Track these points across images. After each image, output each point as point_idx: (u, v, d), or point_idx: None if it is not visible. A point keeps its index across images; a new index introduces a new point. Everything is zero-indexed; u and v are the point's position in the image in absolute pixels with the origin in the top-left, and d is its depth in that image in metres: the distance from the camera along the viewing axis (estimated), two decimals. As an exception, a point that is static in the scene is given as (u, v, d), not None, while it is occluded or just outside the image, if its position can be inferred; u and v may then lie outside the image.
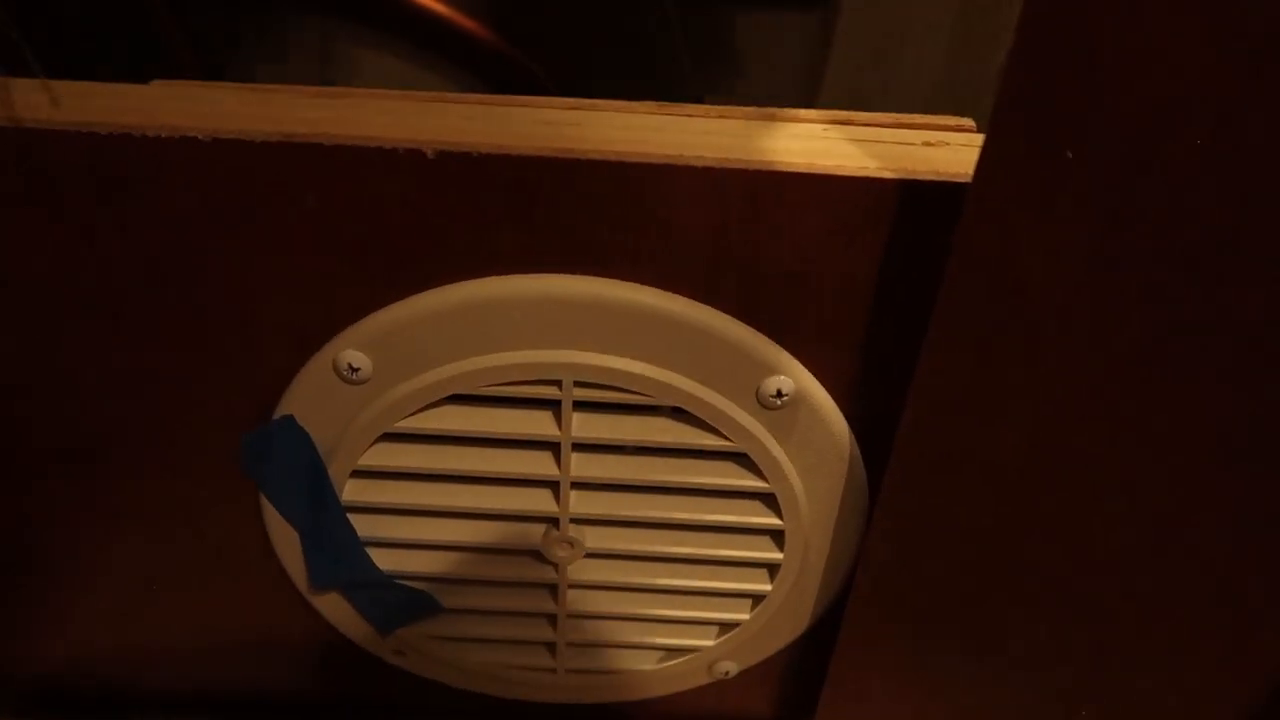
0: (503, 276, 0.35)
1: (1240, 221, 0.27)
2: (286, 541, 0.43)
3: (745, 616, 0.45)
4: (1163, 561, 0.34)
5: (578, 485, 0.40)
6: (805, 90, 0.74)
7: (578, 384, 0.37)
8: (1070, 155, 0.27)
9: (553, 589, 0.45)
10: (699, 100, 0.37)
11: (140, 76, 0.36)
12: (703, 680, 0.49)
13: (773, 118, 0.36)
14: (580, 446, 0.39)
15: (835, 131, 0.35)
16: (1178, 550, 0.33)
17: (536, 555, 0.43)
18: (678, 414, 0.39)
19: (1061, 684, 0.41)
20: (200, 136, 0.32)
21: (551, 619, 0.46)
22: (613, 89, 0.37)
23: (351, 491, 0.41)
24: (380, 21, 0.75)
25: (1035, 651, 0.39)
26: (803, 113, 0.37)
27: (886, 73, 0.60)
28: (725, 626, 0.46)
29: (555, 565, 0.43)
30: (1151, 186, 0.27)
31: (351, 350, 0.36)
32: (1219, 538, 0.33)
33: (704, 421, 0.38)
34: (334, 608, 0.46)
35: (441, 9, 0.73)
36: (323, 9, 0.76)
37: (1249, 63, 0.24)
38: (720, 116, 0.36)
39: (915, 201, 0.33)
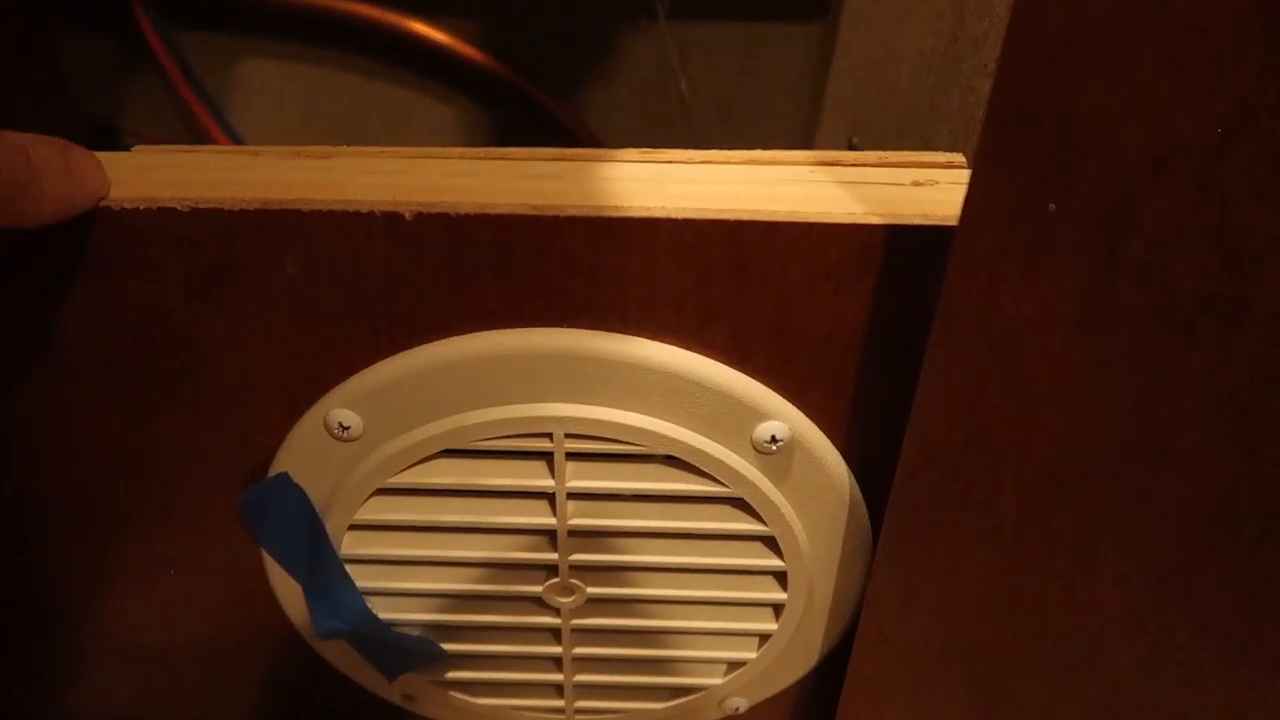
0: (487, 332, 0.35)
1: (1227, 281, 0.26)
2: (290, 593, 0.43)
3: (753, 655, 0.45)
4: (1164, 618, 0.33)
5: (574, 533, 0.40)
6: (806, 105, 0.73)
7: (569, 435, 0.37)
8: (1053, 208, 0.26)
9: (556, 633, 0.44)
10: (693, 117, 0.36)
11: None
12: (714, 715, 0.49)
13: (758, 160, 0.36)
14: (575, 495, 0.39)
15: (822, 174, 0.35)
16: (1179, 607, 0.32)
17: (538, 601, 0.43)
18: (672, 460, 0.38)
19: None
20: (179, 207, 0.32)
21: (557, 661, 0.46)
22: (608, 106, 0.37)
23: (350, 544, 0.41)
24: (382, 51, 0.76)
25: (1039, 698, 0.38)
26: (788, 154, 0.36)
27: (885, 89, 0.59)
28: (733, 665, 0.46)
29: (557, 610, 0.43)
30: (1135, 244, 0.26)
31: (341, 409, 0.36)
32: (1221, 597, 0.32)
33: (698, 468, 0.38)
34: (342, 655, 0.46)
35: (441, 37, 0.73)
36: (327, 40, 0.77)
37: (1229, 123, 0.24)
38: (704, 162, 0.36)
39: (903, 246, 0.32)
